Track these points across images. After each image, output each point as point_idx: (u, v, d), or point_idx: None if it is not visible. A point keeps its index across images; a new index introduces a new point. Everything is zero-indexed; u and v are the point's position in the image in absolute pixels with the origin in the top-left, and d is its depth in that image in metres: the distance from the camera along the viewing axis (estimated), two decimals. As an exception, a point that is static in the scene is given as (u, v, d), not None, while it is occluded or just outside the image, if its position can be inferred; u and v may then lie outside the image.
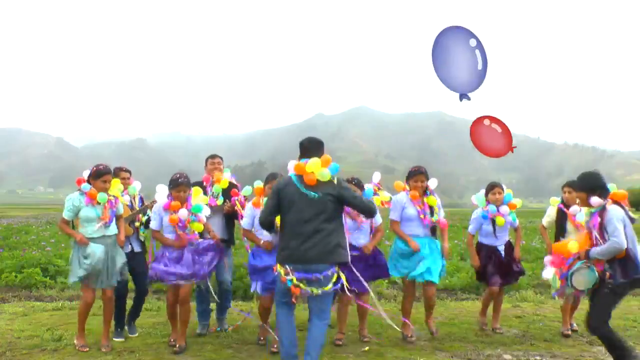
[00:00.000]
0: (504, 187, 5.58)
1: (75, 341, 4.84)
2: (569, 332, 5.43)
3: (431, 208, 5.14)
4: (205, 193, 5.52)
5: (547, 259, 4.53)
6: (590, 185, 4.20)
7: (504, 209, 5.40)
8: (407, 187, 5.22)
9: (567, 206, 5.43)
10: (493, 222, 5.42)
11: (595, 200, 4.14)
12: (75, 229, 4.74)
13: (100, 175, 4.69)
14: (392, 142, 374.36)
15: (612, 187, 4.37)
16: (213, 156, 5.81)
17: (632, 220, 4.14)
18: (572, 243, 4.28)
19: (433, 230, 5.23)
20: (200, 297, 5.41)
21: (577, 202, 5.26)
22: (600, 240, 4.09)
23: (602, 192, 4.16)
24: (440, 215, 5.21)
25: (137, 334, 5.32)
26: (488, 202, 5.52)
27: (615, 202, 4.15)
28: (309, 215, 3.88)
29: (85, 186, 4.68)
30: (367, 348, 4.90)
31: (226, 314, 5.73)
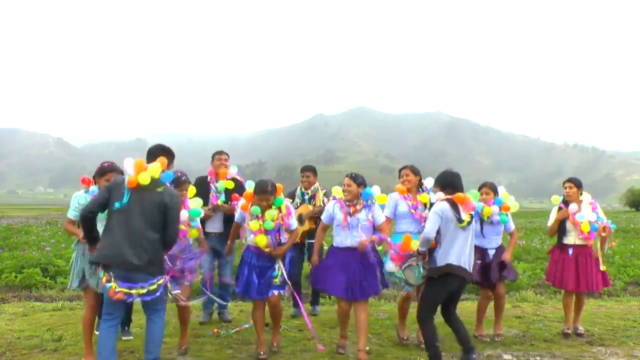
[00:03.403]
0: (500, 190, 5.46)
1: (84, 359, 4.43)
2: (569, 331, 5.42)
3: (424, 204, 5.12)
4: (208, 188, 5.72)
5: (392, 253, 4.62)
6: (442, 182, 4.46)
7: (494, 207, 5.34)
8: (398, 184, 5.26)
9: (568, 203, 5.47)
10: (482, 221, 5.31)
11: (437, 194, 4.45)
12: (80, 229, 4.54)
13: (103, 174, 4.54)
14: (392, 142, 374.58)
15: (472, 193, 4.56)
16: (220, 152, 5.95)
17: (460, 220, 4.25)
18: (414, 241, 4.44)
19: None
20: (199, 290, 5.65)
21: (573, 197, 5.31)
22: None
23: (452, 191, 4.37)
24: None
25: (132, 337, 5.22)
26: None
27: (450, 201, 4.29)
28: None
29: (94, 189, 4.54)
30: (367, 348, 4.89)
31: (226, 308, 6.00)
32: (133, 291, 3.76)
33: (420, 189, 5.18)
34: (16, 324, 5.75)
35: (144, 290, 3.79)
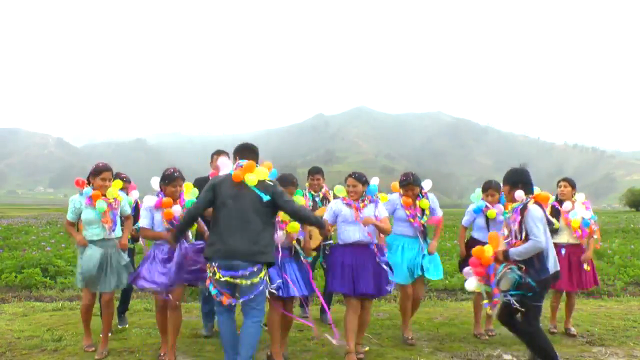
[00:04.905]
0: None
1: (83, 341, 4.85)
2: (555, 330, 5.55)
3: (423, 210, 5.21)
4: None
5: (467, 270, 4.33)
6: (513, 179, 4.17)
7: (499, 206, 5.36)
8: (401, 191, 5.25)
9: (561, 202, 5.45)
10: (486, 217, 5.37)
11: (519, 194, 4.10)
12: (79, 231, 4.68)
13: (98, 173, 4.59)
14: (392, 142, 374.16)
15: (536, 189, 4.40)
16: (218, 152, 5.59)
17: (550, 223, 4.19)
18: (487, 247, 4.18)
19: (424, 233, 5.24)
20: (205, 298, 5.22)
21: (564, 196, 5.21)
22: (518, 237, 4.05)
23: (525, 188, 4.14)
24: (435, 213, 5.30)
25: (127, 325, 5.66)
26: (482, 199, 5.53)
27: (537, 203, 4.12)
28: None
29: (88, 190, 4.60)
30: (367, 348, 4.90)
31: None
32: (238, 280, 3.86)
33: (420, 194, 5.23)
34: (16, 324, 5.75)
35: (248, 282, 3.86)
